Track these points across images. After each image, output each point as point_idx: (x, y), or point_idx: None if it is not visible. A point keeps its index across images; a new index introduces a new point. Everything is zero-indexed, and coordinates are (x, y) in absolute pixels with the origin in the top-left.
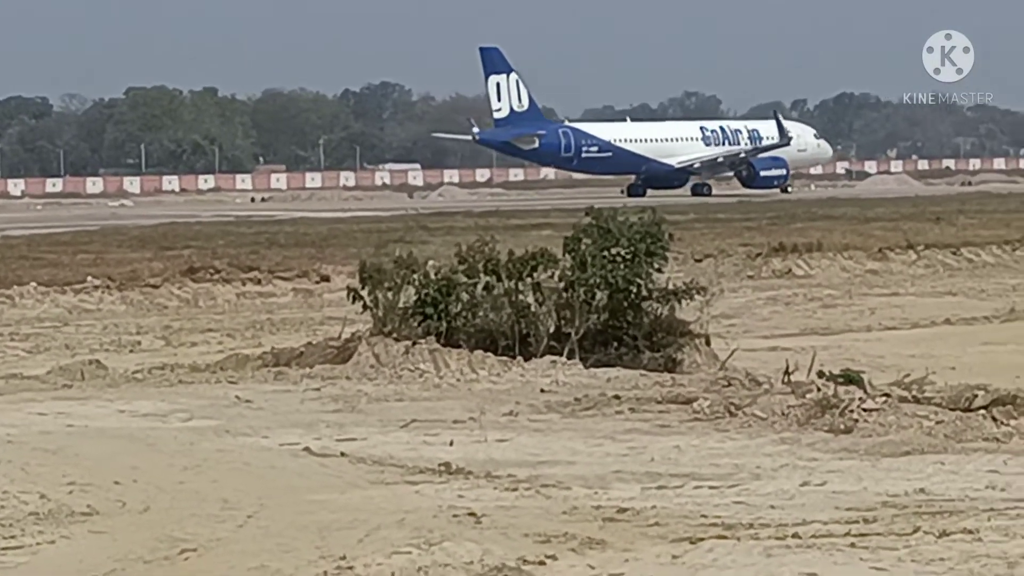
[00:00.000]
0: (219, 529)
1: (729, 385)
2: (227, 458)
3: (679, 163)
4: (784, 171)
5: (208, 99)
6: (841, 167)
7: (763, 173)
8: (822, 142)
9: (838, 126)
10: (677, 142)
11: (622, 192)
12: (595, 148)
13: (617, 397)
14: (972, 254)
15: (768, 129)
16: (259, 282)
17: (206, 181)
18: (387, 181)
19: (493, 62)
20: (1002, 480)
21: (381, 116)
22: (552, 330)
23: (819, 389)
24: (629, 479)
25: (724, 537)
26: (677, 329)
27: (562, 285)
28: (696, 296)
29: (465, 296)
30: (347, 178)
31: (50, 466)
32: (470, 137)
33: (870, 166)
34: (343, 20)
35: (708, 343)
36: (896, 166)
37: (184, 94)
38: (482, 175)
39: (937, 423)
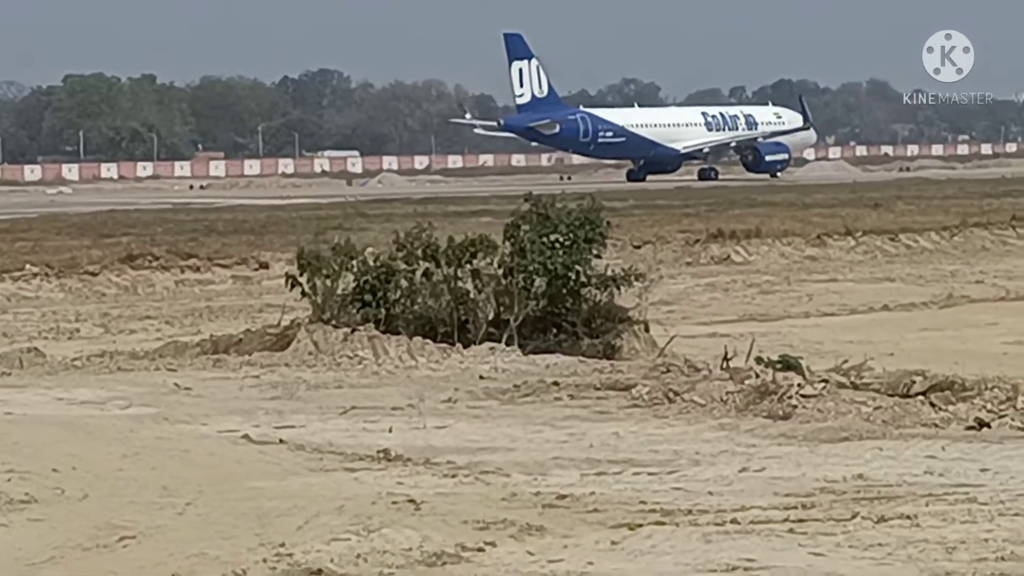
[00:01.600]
0: (158, 516)
1: (668, 371)
2: (166, 446)
3: (684, 148)
4: (786, 155)
5: (146, 86)
6: None
7: (768, 158)
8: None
9: None
10: (682, 127)
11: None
12: (610, 133)
13: (556, 384)
14: (910, 240)
15: (762, 114)
16: (198, 269)
17: (145, 168)
18: (326, 168)
19: (516, 48)
20: (940, 466)
21: (320, 103)
22: (491, 317)
23: (757, 375)
24: (568, 465)
25: (663, 523)
26: (616, 315)
27: (501, 272)
28: (635, 282)
29: (404, 283)
30: (286, 165)
31: None
32: (495, 123)
33: (808, 152)
34: (281, 7)
35: (647, 329)
36: (834, 152)
37: (122, 81)
38: (421, 162)
39: (875, 409)
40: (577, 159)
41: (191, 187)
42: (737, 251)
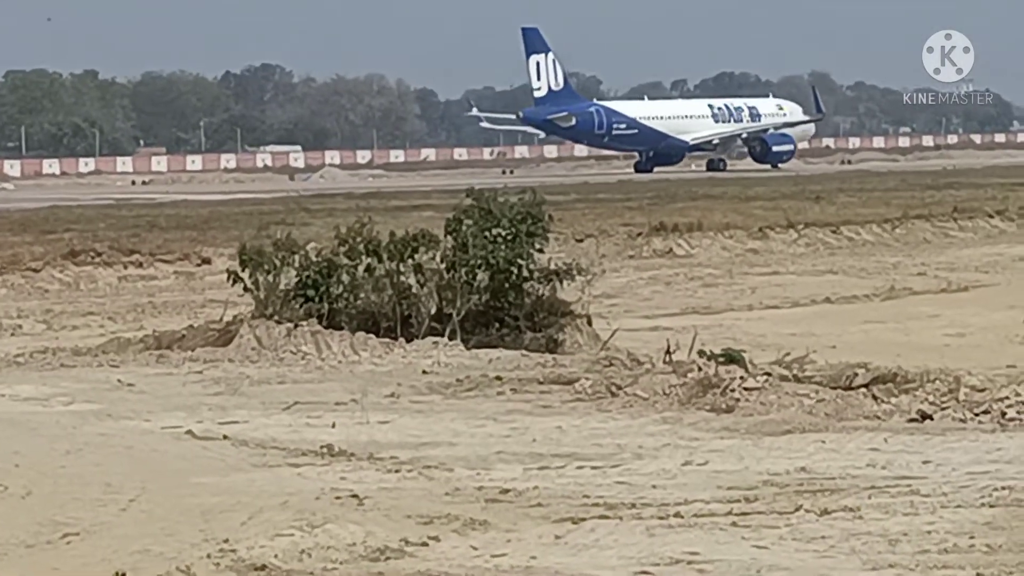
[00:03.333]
0: (102, 513)
1: (611, 365)
2: (109, 442)
3: (693, 139)
4: (792, 146)
5: (88, 82)
6: None
7: (775, 148)
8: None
9: None
10: (691, 119)
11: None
12: (623, 125)
13: (499, 378)
14: (852, 232)
15: (765, 106)
16: (140, 265)
17: (87, 164)
18: (268, 163)
19: (533, 42)
20: (883, 458)
21: (262, 98)
22: (434, 311)
23: (700, 368)
24: (511, 460)
25: (607, 517)
26: (558, 309)
27: (443, 266)
28: (577, 276)
29: (346, 278)
30: (228, 160)
31: None
32: (512, 116)
33: None
34: (222, 2)
35: (589, 323)
36: None
37: (64, 77)
38: (363, 156)
39: (818, 402)
40: (519, 153)
41: (133, 183)
42: (679, 244)
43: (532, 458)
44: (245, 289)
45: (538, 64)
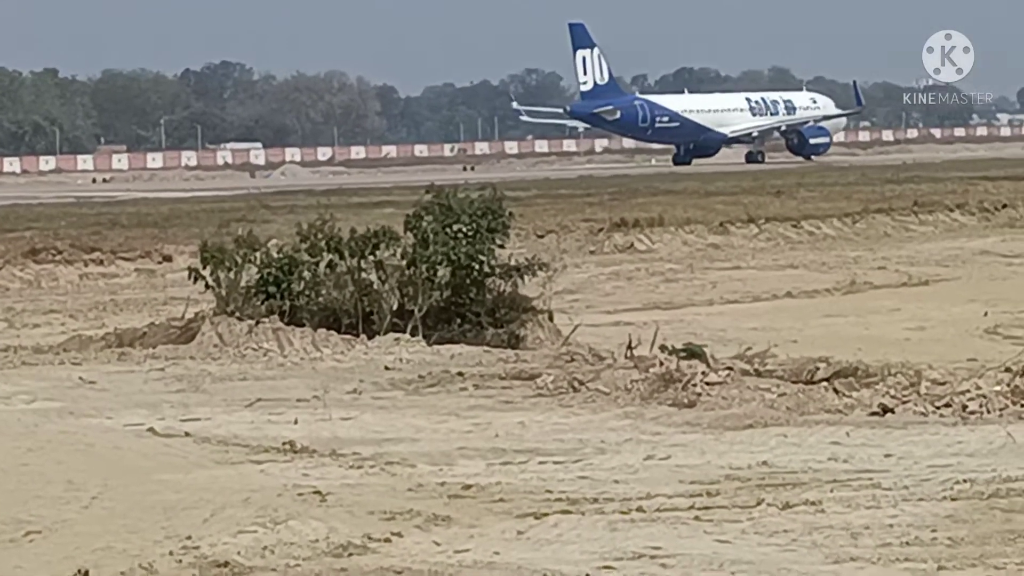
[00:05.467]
0: (64, 510)
1: (572, 360)
2: (71, 439)
3: (732, 132)
4: (828, 139)
5: (48, 80)
6: None
7: (811, 141)
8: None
9: None
10: (729, 112)
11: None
12: (666, 119)
13: (461, 374)
14: (813, 227)
15: (799, 99)
16: (102, 263)
17: (47, 162)
18: (229, 160)
19: (580, 37)
20: (844, 452)
21: (222, 96)
22: (395, 307)
23: (662, 363)
24: (474, 455)
25: (569, 512)
26: (520, 305)
27: (404, 262)
28: (539, 272)
29: (308, 274)
30: (189, 158)
31: None
32: (560, 110)
33: None
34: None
35: (551, 319)
36: None
37: (24, 75)
38: (324, 153)
39: (779, 396)
40: (479, 149)
41: (94, 181)
42: (640, 239)
43: (494, 453)
44: (206, 286)
45: (584, 59)
